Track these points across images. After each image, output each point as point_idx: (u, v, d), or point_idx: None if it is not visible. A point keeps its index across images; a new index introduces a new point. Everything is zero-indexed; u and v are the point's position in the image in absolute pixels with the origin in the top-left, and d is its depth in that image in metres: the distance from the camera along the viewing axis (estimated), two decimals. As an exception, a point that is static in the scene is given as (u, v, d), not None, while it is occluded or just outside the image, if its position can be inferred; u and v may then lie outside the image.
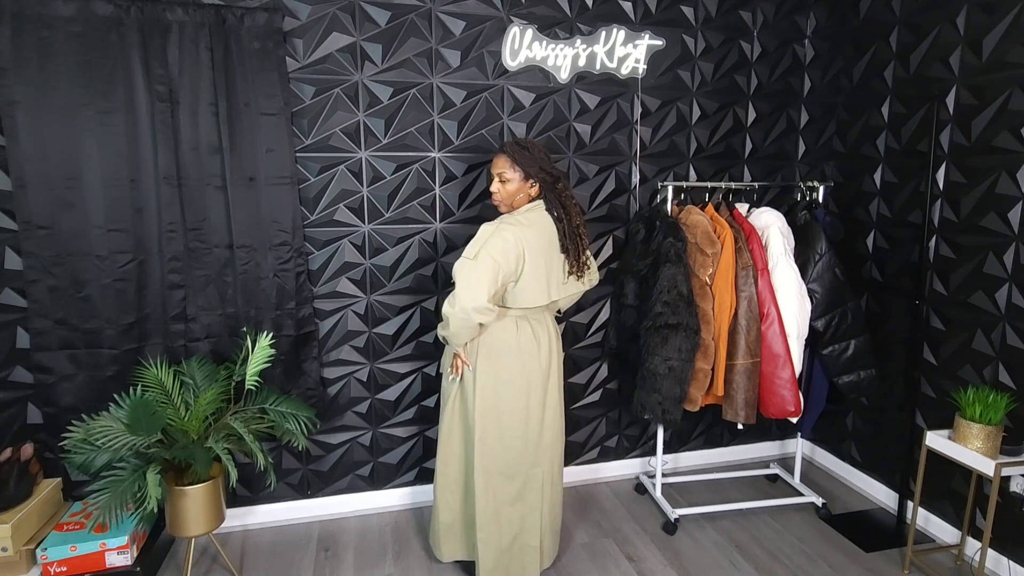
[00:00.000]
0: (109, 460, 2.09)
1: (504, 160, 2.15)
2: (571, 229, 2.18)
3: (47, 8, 2.18)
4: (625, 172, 2.99)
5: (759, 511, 2.92)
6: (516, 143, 2.18)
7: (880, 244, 2.92)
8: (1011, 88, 2.30)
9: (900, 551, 2.59)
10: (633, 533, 2.75)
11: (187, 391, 2.32)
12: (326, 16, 2.52)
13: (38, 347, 2.35)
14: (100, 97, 2.27)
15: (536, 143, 2.22)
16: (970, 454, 2.18)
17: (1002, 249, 2.36)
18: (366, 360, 2.81)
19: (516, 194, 2.17)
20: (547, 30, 2.77)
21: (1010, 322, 2.34)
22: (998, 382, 2.39)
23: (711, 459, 3.42)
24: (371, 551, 2.63)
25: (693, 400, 2.64)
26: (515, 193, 2.17)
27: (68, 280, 2.33)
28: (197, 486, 2.17)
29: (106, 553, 2.23)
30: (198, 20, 2.31)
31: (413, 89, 2.66)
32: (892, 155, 2.84)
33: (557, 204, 2.17)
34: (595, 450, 3.21)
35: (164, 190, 2.37)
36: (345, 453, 2.87)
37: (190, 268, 2.46)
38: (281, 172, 2.49)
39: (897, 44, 2.77)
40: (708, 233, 2.60)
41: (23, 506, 2.26)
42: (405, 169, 2.71)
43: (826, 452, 3.36)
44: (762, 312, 2.60)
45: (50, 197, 2.28)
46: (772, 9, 3.07)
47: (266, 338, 2.27)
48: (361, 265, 2.74)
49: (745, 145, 3.16)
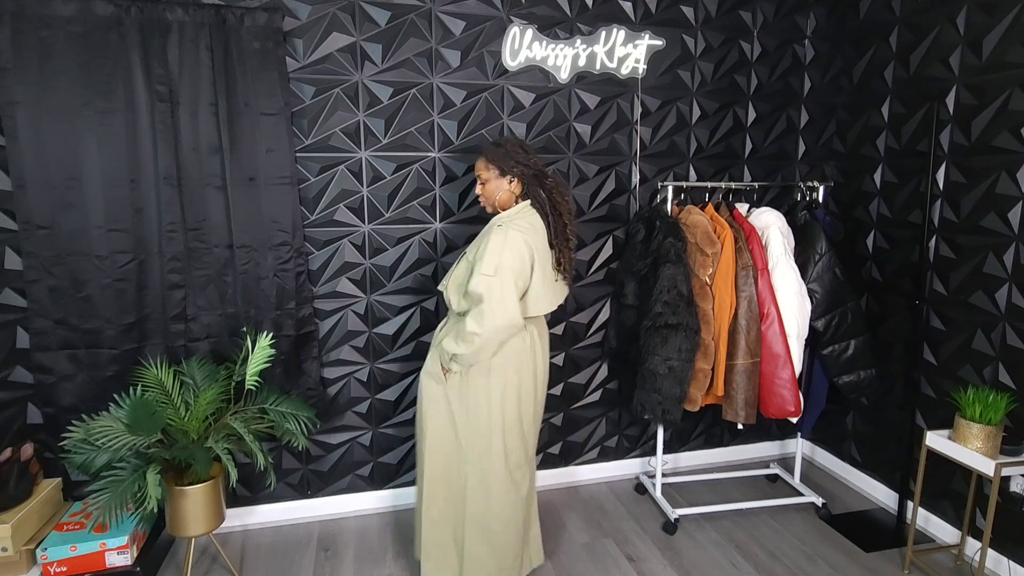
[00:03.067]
0: (109, 460, 2.08)
1: (480, 161, 2.16)
2: (559, 226, 2.14)
3: (47, 8, 2.18)
4: (625, 172, 2.99)
5: (759, 511, 2.91)
6: (491, 143, 2.18)
7: (880, 244, 2.92)
8: (1011, 88, 2.30)
9: (900, 551, 2.59)
10: (633, 533, 2.75)
11: (187, 391, 2.31)
12: (326, 16, 2.52)
13: (38, 347, 2.35)
14: (100, 97, 2.27)
15: (512, 139, 2.20)
16: (970, 454, 2.18)
17: (1002, 249, 2.36)
18: (366, 360, 2.81)
19: (496, 192, 2.14)
20: (547, 30, 2.77)
21: (1010, 322, 2.34)
22: (998, 382, 2.39)
23: (711, 459, 3.42)
24: (371, 551, 2.63)
25: (693, 400, 2.64)
26: (495, 191, 2.14)
27: (68, 280, 2.33)
28: (197, 486, 2.17)
29: (106, 553, 2.23)
30: (198, 20, 2.31)
31: (413, 89, 2.66)
32: (892, 155, 2.84)
33: (545, 200, 2.13)
34: (595, 450, 3.21)
35: (164, 190, 2.37)
36: (345, 453, 2.87)
37: (190, 268, 2.46)
38: (281, 172, 2.49)
39: (897, 44, 2.77)
40: (708, 233, 2.60)
41: (23, 506, 2.26)
42: (405, 169, 2.71)
43: (826, 452, 3.36)
44: (762, 312, 2.60)
45: (50, 197, 2.28)
46: (772, 9, 3.07)
47: (266, 338, 2.27)
48: (361, 265, 2.74)
49: (745, 145, 3.16)
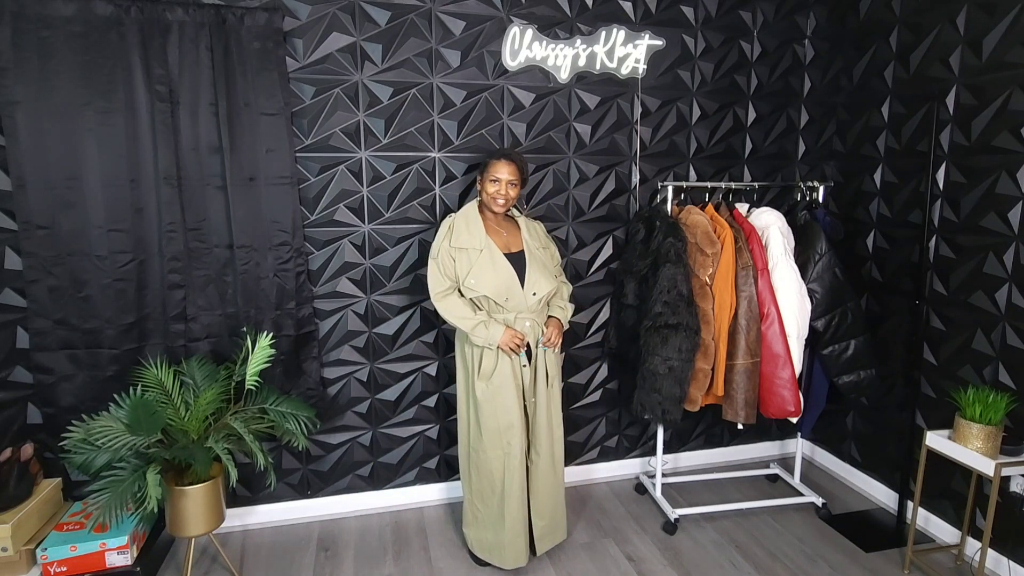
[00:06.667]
0: (109, 460, 2.09)
1: (515, 168, 2.36)
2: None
3: (47, 8, 2.18)
4: (625, 172, 2.99)
5: (759, 511, 2.91)
6: (520, 154, 2.45)
7: (880, 244, 2.92)
8: (1011, 88, 2.30)
9: (900, 551, 2.59)
10: (633, 533, 2.75)
11: (187, 391, 2.31)
12: (326, 16, 2.52)
13: (38, 347, 2.35)
14: (100, 97, 2.27)
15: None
16: (970, 454, 2.18)
17: (1002, 249, 2.36)
18: (366, 360, 2.81)
19: (517, 198, 2.42)
20: (547, 30, 2.77)
21: (1010, 322, 2.34)
22: (998, 382, 2.39)
23: (711, 459, 3.42)
24: (371, 551, 2.63)
25: (693, 400, 2.64)
26: (518, 195, 2.41)
27: (68, 280, 2.33)
28: (197, 486, 2.17)
29: (106, 553, 2.23)
30: (198, 20, 2.31)
31: (413, 89, 2.66)
32: (892, 155, 2.84)
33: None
34: (595, 450, 3.21)
35: (164, 190, 2.37)
36: (345, 453, 2.87)
37: (190, 268, 2.46)
38: (281, 172, 2.49)
39: (897, 44, 2.77)
40: (708, 233, 2.60)
41: (23, 506, 2.25)
42: (405, 169, 2.71)
43: (826, 452, 3.36)
44: (762, 312, 2.60)
45: (50, 197, 2.28)
46: (772, 9, 3.07)
47: (266, 338, 2.27)
48: (361, 265, 2.74)
49: (745, 145, 3.16)
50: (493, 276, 2.29)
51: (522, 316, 2.33)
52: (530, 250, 2.38)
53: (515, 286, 2.31)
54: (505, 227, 2.42)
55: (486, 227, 2.35)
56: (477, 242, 2.31)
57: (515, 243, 2.39)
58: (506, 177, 2.33)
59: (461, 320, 2.31)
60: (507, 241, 2.38)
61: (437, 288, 2.34)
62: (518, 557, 2.40)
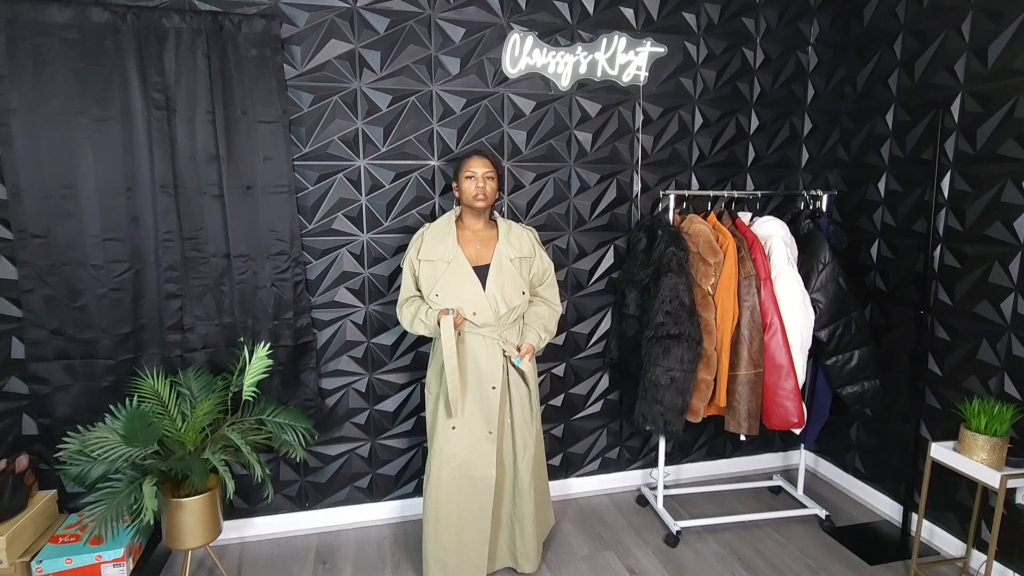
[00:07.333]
0: (105, 472, 2.07)
1: (488, 161, 2.32)
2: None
3: (42, 15, 2.16)
4: (627, 181, 2.97)
5: (762, 523, 2.89)
6: (490, 150, 2.42)
7: (884, 254, 2.89)
8: (1016, 96, 2.27)
9: (904, 564, 2.56)
10: (635, 545, 2.72)
11: (184, 402, 2.30)
12: (324, 23, 2.51)
13: (33, 357, 2.33)
14: (96, 105, 2.25)
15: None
16: (975, 466, 2.15)
17: (1008, 259, 2.33)
18: (365, 371, 2.79)
19: (493, 196, 2.35)
20: (548, 37, 2.75)
21: (1016, 332, 2.32)
22: (1003, 393, 2.36)
23: (713, 471, 3.39)
24: (369, 563, 2.60)
25: (695, 411, 2.61)
26: (493, 194, 2.34)
27: (63, 290, 2.31)
28: (194, 498, 2.15)
29: (102, 566, 2.21)
30: (195, 27, 2.29)
31: (412, 97, 2.64)
32: (896, 164, 2.81)
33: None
34: (596, 461, 3.19)
35: (160, 199, 2.35)
36: (343, 465, 2.84)
37: (187, 277, 2.44)
38: (279, 180, 2.47)
39: (901, 51, 2.75)
40: (710, 242, 2.58)
41: (18, 518, 2.23)
42: (404, 177, 2.69)
43: (830, 464, 3.33)
44: (765, 322, 2.58)
45: (45, 206, 2.26)
46: (775, 16, 3.05)
47: (263, 348, 2.25)
48: (360, 274, 2.71)
49: (748, 153, 3.14)
50: (458, 289, 2.24)
51: (490, 333, 2.27)
52: (499, 261, 2.29)
53: (482, 300, 2.25)
54: (483, 237, 2.35)
55: (461, 237, 2.31)
56: (445, 253, 2.27)
57: (489, 254, 2.32)
58: (481, 171, 2.28)
59: (410, 322, 2.34)
60: (480, 253, 2.32)
61: (400, 298, 2.40)
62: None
